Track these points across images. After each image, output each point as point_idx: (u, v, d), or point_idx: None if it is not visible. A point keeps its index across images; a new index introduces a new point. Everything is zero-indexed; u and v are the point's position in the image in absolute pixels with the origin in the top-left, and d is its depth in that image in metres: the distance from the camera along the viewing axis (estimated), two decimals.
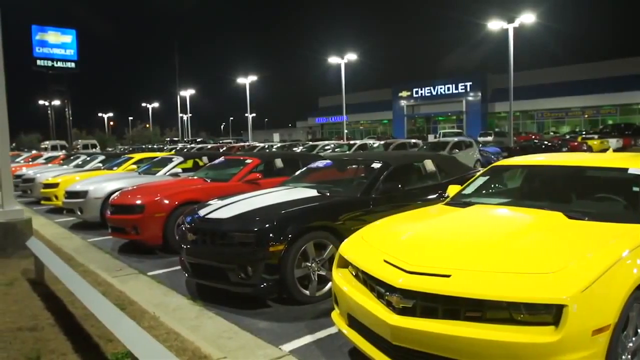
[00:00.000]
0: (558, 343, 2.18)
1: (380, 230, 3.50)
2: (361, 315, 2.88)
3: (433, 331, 2.43)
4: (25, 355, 3.23)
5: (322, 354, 3.39)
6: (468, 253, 2.72)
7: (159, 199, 6.51)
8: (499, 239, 2.88)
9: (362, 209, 4.84)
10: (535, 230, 3.06)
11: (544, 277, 2.36)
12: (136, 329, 2.70)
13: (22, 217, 6.53)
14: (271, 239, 4.16)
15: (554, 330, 2.21)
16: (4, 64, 6.45)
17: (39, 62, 34.12)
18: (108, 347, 3.32)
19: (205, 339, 3.54)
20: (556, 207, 3.40)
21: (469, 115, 50.26)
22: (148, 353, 2.39)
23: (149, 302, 4.40)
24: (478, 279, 2.47)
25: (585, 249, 2.64)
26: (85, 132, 73.68)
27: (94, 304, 3.13)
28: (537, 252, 2.68)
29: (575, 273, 2.36)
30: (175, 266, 5.71)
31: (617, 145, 27.52)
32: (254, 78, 47.74)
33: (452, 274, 2.52)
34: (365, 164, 6.02)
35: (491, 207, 3.77)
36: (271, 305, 4.39)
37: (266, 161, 7.79)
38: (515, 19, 26.27)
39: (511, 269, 2.49)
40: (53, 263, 4.33)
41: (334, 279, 3.27)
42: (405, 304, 2.56)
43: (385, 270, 2.76)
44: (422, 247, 2.93)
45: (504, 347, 2.26)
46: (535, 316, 2.29)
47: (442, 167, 6.07)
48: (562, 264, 2.44)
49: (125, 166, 11.62)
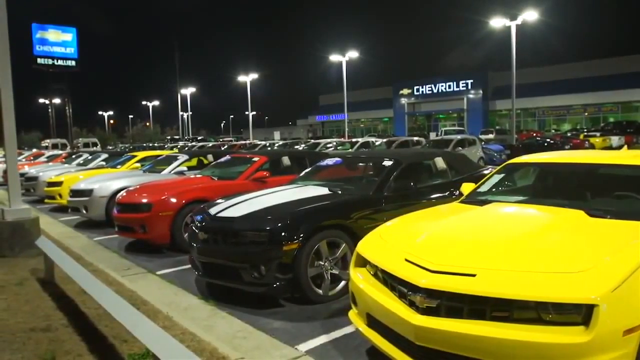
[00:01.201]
0: (589, 344, 2.14)
1: (399, 228, 3.46)
2: (381, 315, 2.84)
3: (459, 331, 2.39)
4: (41, 357, 3.19)
5: (340, 354, 3.35)
6: (492, 252, 2.68)
7: (166, 198, 6.47)
8: (522, 238, 2.84)
9: (375, 207, 4.80)
10: (557, 229, 3.02)
11: (572, 276, 2.33)
12: (155, 329, 2.67)
13: (29, 216, 6.50)
14: (285, 237, 4.12)
15: (585, 330, 2.18)
16: (11, 67, 6.41)
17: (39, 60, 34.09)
18: (123, 347, 3.29)
19: (220, 339, 3.51)
20: (576, 205, 3.36)
21: (469, 113, 50.21)
22: (170, 353, 2.35)
23: (161, 302, 4.36)
24: (504, 278, 2.43)
25: (612, 247, 2.60)
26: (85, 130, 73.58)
27: (111, 304, 3.10)
28: (562, 250, 2.64)
29: (605, 272, 2.32)
30: (184, 265, 5.68)
31: (619, 143, 27.45)
32: (254, 76, 47.59)
33: (477, 274, 2.48)
34: (376, 162, 5.98)
35: (509, 205, 3.73)
36: (284, 304, 4.36)
37: (273, 159, 7.74)
38: (518, 16, 26.19)
39: (538, 268, 2.45)
40: (64, 262, 4.30)
41: (351, 278, 3.23)
42: (430, 303, 2.52)
43: (408, 269, 2.73)
44: (445, 246, 2.89)
45: (533, 348, 2.22)
46: (564, 316, 2.25)
47: (452, 164, 6.03)
48: (590, 263, 2.40)
49: (129, 164, 11.58)
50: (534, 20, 26.76)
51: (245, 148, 26.34)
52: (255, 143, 31.12)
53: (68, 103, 37.87)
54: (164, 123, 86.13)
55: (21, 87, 10.23)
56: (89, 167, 13.36)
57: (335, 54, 37.82)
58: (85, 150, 25.57)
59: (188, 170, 9.02)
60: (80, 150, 23.16)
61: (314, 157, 7.79)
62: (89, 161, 14.71)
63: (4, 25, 6.32)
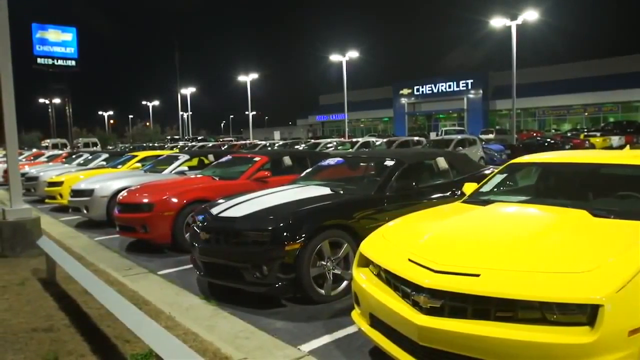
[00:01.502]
0: (594, 344, 2.14)
1: (402, 228, 3.46)
2: (384, 315, 2.84)
3: (462, 331, 2.39)
4: (43, 357, 3.19)
5: (342, 354, 3.35)
6: (496, 252, 2.68)
7: (167, 198, 6.46)
8: (526, 238, 2.83)
9: (377, 207, 4.79)
10: (561, 229, 3.01)
11: (576, 276, 2.32)
12: (158, 329, 2.66)
13: (31, 216, 6.49)
14: (287, 237, 4.11)
15: (590, 330, 2.17)
16: (12, 67, 6.40)
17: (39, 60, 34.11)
18: (126, 347, 3.28)
19: (223, 339, 3.50)
20: (579, 205, 3.36)
21: (470, 112, 50.19)
22: (173, 354, 2.35)
23: (163, 302, 4.36)
24: (508, 278, 2.42)
25: (616, 247, 2.60)
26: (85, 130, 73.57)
27: (113, 304, 3.09)
28: (566, 250, 2.64)
29: (609, 272, 2.32)
30: (185, 265, 5.68)
31: (620, 143, 27.48)
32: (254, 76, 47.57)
33: (481, 274, 2.47)
34: (378, 161, 5.97)
35: (512, 205, 3.73)
36: (286, 304, 4.35)
37: (274, 159, 7.73)
38: (518, 16, 26.18)
39: (542, 268, 2.44)
40: (67, 263, 4.29)
41: (354, 278, 3.23)
42: (433, 303, 2.52)
43: (411, 269, 2.72)
44: (448, 246, 2.89)
45: (537, 348, 2.22)
46: (569, 316, 2.24)
47: (454, 164, 6.02)
48: (594, 263, 2.40)
49: (130, 164, 11.57)
50: (534, 20, 26.76)
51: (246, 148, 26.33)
52: (256, 143, 31.12)
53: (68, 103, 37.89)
54: (164, 123, 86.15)
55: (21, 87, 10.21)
56: (89, 167, 13.35)
57: (336, 54, 37.81)
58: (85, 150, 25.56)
59: (189, 170, 9.01)
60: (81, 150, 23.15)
61: (315, 157, 7.78)
62: (90, 161, 14.70)
63: (5, 25, 6.32)
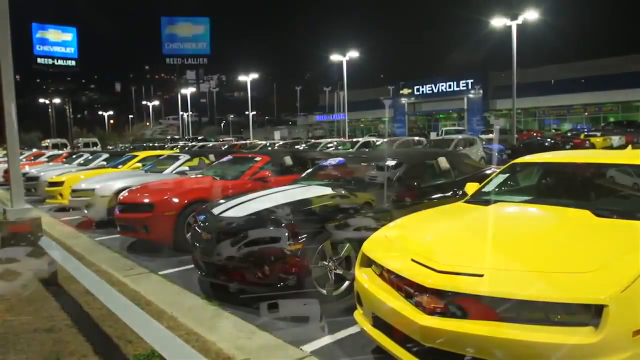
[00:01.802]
0: (598, 344, 2.14)
1: (404, 229, 3.45)
2: (387, 316, 2.83)
3: (465, 332, 2.38)
4: (45, 358, 3.18)
5: (345, 354, 3.34)
6: (499, 252, 2.67)
7: (168, 197, 6.46)
8: (529, 238, 2.83)
9: (379, 207, 4.78)
10: (564, 229, 3.01)
11: (581, 276, 2.32)
12: (161, 329, 2.66)
13: (32, 216, 6.47)
14: (288, 237, 4.10)
15: (594, 331, 2.17)
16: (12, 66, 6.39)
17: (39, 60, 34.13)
18: (128, 348, 3.27)
19: (225, 339, 3.49)
20: (582, 204, 3.35)
21: (469, 112, 50.18)
22: (176, 354, 2.34)
23: (164, 302, 4.35)
24: (512, 278, 2.42)
25: (620, 247, 2.60)
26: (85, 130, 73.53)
27: (116, 304, 3.09)
28: (570, 250, 2.64)
29: (614, 272, 2.32)
30: (186, 265, 5.66)
31: (620, 143, 27.44)
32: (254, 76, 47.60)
33: (484, 274, 2.47)
34: (379, 162, 5.96)
35: (515, 205, 3.73)
36: (288, 304, 4.34)
37: (275, 159, 7.73)
38: (519, 15, 26.17)
39: (545, 268, 2.44)
40: (68, 263, 4.28)
41: (357, 278, 3.22)
42: (436, 304, 2.51)
43: (414, 269, 2.72)
44: (451, 246, 2.89)
45: (541, 348, 2.21)
46: (573, 317, 2.24)
47: (455, 164, 6.02)
48: (599, 263, 2.39)
49: (130, 164, 11.56)
50: (534, 20, 26.75)
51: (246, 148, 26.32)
52: (256, 143, 31.11)
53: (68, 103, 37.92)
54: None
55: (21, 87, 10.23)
56: (90, 167, 13.34)
57: (336, 54, 37.81)
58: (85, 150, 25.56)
59: (190, 169, 9.01)
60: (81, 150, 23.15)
61: (317, 157, 7.78)
62: (90, 161, 14.69)
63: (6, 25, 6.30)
